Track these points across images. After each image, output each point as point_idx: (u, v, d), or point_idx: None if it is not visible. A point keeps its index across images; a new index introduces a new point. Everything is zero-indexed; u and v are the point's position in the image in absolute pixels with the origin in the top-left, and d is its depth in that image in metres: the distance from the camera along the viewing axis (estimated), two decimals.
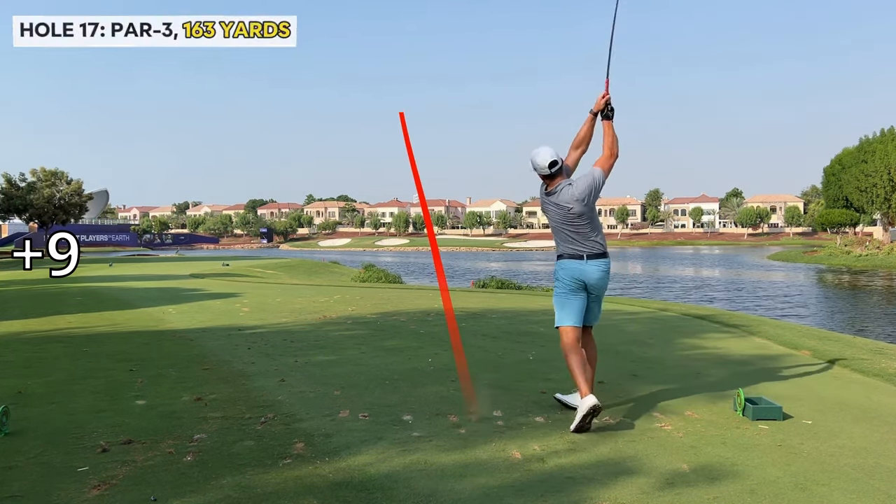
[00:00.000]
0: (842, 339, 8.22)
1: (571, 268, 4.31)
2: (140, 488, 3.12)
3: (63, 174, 50.88)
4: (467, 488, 3.11)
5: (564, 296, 4.35)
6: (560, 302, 4.38)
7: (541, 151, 4.29)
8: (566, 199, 4.27)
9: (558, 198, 4.29)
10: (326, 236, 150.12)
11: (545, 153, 4.28)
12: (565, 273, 4.34)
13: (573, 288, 4.32)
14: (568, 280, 4.32)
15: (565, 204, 4.27)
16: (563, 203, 4.27)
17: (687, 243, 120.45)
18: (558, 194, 4.30)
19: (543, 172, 4.31)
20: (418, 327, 8.50)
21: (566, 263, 4.35)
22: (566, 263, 4.35)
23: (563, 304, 4.36)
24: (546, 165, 4.27)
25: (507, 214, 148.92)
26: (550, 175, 4.31)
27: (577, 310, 4.33)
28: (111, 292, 14.76)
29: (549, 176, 4.32)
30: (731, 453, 3.62)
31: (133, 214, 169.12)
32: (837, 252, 57.52)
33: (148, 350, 7.00)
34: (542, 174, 4.33)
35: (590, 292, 4.35)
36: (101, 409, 4.52)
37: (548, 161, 4.26)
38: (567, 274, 4.33)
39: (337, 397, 4.81)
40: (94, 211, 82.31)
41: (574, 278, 4.30)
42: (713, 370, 5.82)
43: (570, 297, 4.33)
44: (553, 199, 4.32)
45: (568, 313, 4.33)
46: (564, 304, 4.35)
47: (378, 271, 29.97)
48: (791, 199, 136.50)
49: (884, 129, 62.03)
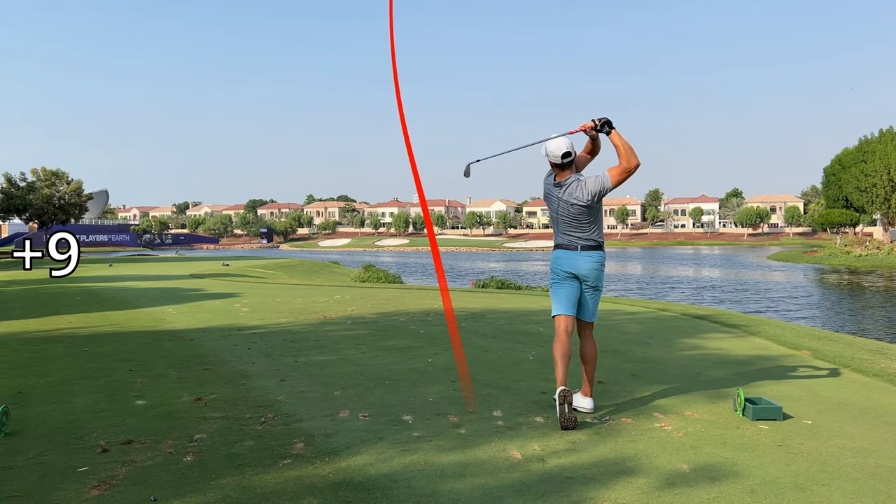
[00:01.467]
0: (842, 339, 8.21)
1: (564, 257, 4.34)
2: (140, 488, 3.12)
3: (63, 174, 50.84)
4: (467, 488, 3.11)
5: (556, 285, 4.40)
6: (553, 291, 4.42)
7: (557, 140, 4.26)
8: (573, 194, 4.26)
9: (565, 192, 4.28)
10: (326, 236, 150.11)
11: (561, 143, 4.25)
12: (557, 263, 4.38)
13: (563, 277, 4.35)
14: (560, 270, 4.36)
15: (571, 199, 4.26)
16: (569, 198, 4.27)
17: (687, 243, 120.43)
18: (566, 188, 4.28)
19: (555, 161, 4.29)
20: (418, 327, 8.50)
21: (560, 253, 4.38)
22: (560, 253, 4.38)
23: (556, 293, 4.40)
24: (559, 155, 4.25)
25: (507, 214, 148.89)
26: (561, 165, 4.30)
27: (567, 298, 4.35)
28: (111, 292, 14.75)
29: (559, 166, 4.31)
30: (731, 453, 3.61)
31: (133, 214, 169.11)
32: (837, 252, 57.54)
33: (148, 350, 7.00)
34: (554, 162, 4.31)
35: (583, 282, 4.35)
36: (100, 409, 4.52)
37: (562, 151, 4.24)
38: (559, 264, 4.36)
39: (337, 397, 4.81)
40: (94, 211, 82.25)
41: (565, 269, 4.33)
42: (713, 370, 5.82)
43: (561, 287, 4.37)
44: (559, 192, 4.31)
45: (560, 302, 4.36)
46: (557, 293, 4.39)
47: (378, 271, 29.97)
48: (791, 199, 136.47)
49: (883, 130, 62.05)
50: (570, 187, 4.28)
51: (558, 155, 4.26)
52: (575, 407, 4.30)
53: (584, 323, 4.46)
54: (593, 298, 4.44)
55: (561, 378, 4.13)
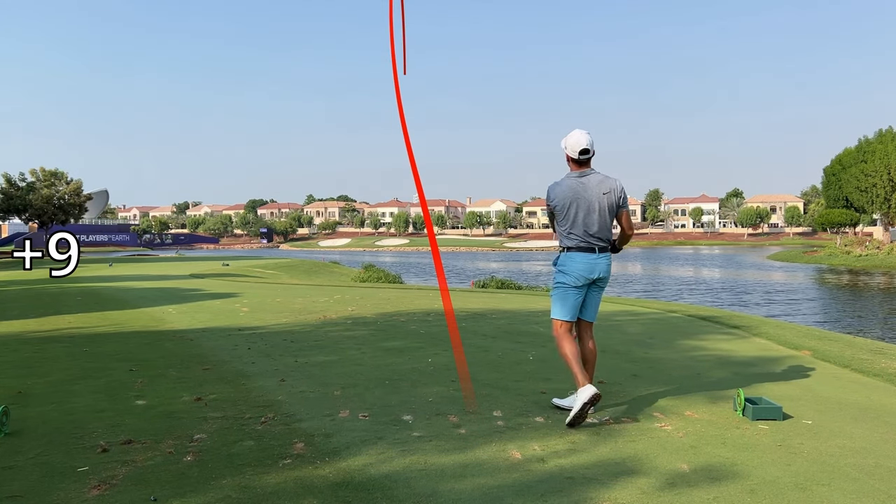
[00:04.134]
0: (842, 339, 8.21)
1: (582, 262, 4.19)
2: (140, 488, 3.12)
3: (63, 174, 50.83)
4: (467, 488, 3.11)
5: (566, 291, 4.25)
6: (561, 295, 4.26)
7: (578, 135, 4.18)
8: (604, 186, 4.19)
9: (596, 185, 4.19)
10: (326, 236, 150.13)
11: (582, 138, 4.17)
12: (574, 267, 4.21)
13: (577, 283, 4.22)
14: (575, 275, 4.20)
15: (604, 189, 4.18)
16: (600, 190, 4.18)
17: (687, 243, 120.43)
18: (590, 177, 4.21)
19: (573, 155, 4.20)
20: (418, 327, 8.50)
21: (577, 256, 4.20)
22: (577, 256, 4.20)
23: (564, 298, 4.26)
24: (578, 150, 4.17)
25: (507, 214, 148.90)
26: (578, 161, 4.22)
27: (575, 306, 4.28)
28: (111, 292, 14.75)
29: (576, 161, 4.22)
30: (731, 453, 3.61)
31: (133, 214, 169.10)
32: (837, 252, 57.53)
33: (148, 350, 7.00)
34: (571, 157, 4.22)
35: (597, 284, 4.30)
36: (100, 409, 4.52)
37: (581, 147, 4.16)
38: (576, 268, 4.20)
39: (337, 397, 4.81)
40: (94, 211, 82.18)
41: (584, 275, 4.19)
42: (713, 370, 5.82)
43: (570, 292, 4.24)
44: (586, 184, 4.20)
45: (567, 308, 4.26)
46: (566, 299, 4.25)
47: (378, 271, 29.99)
48: (791, 199, 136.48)
49: (882, 130, 62.04)
50: (594, 177, 4.21)
51: (577, 150, 4.18)
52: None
53: (585, 323, 4.42)
54: (599, 298, 4.41)
55: (582, 377, 4.04)
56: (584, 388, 3.99)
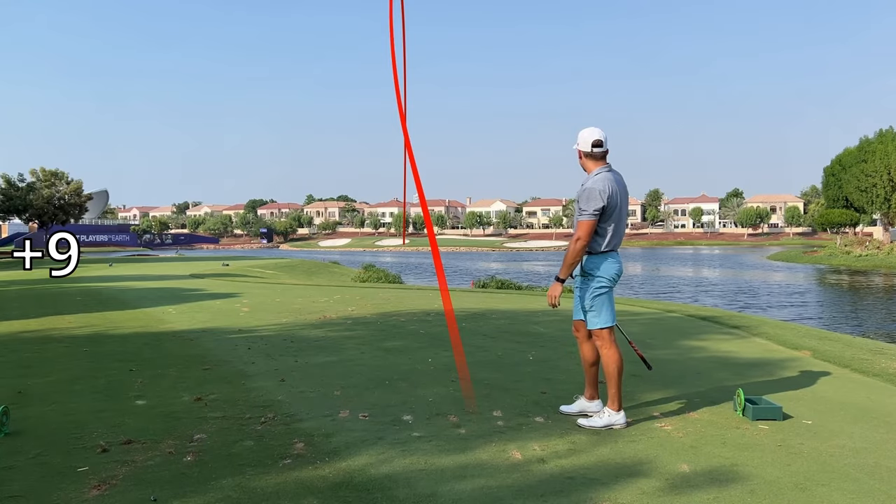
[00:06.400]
0: (842, 340, 8.21)
1: (616, 263, 4.15)
2: (140, 488, 3.12)
3: (63, 174, 50.80)
4: (467, 489, 3.11)
5: (609, 293, 4.17)
6: (609, 298, 4.16)
7: (591, 129, 4.15)
8: (623, 184, 4.18)
9: (623, 184, 4.17)
10: (326, 236, 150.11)
11: (595, 131, 4.12)
12: (612, 269, 4.13)
13: (614, 283, 4.18)
14: (613, 277, 4.14)
15: (626, 188, 4.19)
16: (626, 189, 4.18)
17: (687, 243, 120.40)
18: (618, 173, 4.19)
19: (585, 148, 4.13)
20: (418, 327, 8.50)
21: (612, 257, 4.14)
22: (612, 257, 4.14)
23: (610, 302, 4.16)
24: (591, 142, 4.10)
25: (507, 214, 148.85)
26: (594, 156, 4.13)
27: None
28: (111, 292, 14.75)
29: (591, 156, 4.13)
30: (731, 453, 3.61)
31: (133, 214, 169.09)
32: (837, 252, 57.52)
33: (148, 350, 7.00)
34: (584, 150, 4.14)
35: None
36: (100, 409, 4.52)
37: (594, 138, 4.10)
38: (613, 270, 4.13)
39: (337, 397, 4.81)
40: (94, 211, 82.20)
41: (617, 276, 4.17)
42: (714, 370, 5.82)
43: (611, 294, 4.19)
44: (619, 177, 4.15)
45: (613, 311, 4.19)
46: (611, 302, 4.17)
47: (378, 271, 29.97)
48: (791, 199, 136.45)
49: (882, 130, 62.03)
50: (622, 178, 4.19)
51: (589, 141, 4.10)
52: (583, 411, 4.29)
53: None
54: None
55: (619, 400, 4.10)
56: (622, 415, 4.08)
